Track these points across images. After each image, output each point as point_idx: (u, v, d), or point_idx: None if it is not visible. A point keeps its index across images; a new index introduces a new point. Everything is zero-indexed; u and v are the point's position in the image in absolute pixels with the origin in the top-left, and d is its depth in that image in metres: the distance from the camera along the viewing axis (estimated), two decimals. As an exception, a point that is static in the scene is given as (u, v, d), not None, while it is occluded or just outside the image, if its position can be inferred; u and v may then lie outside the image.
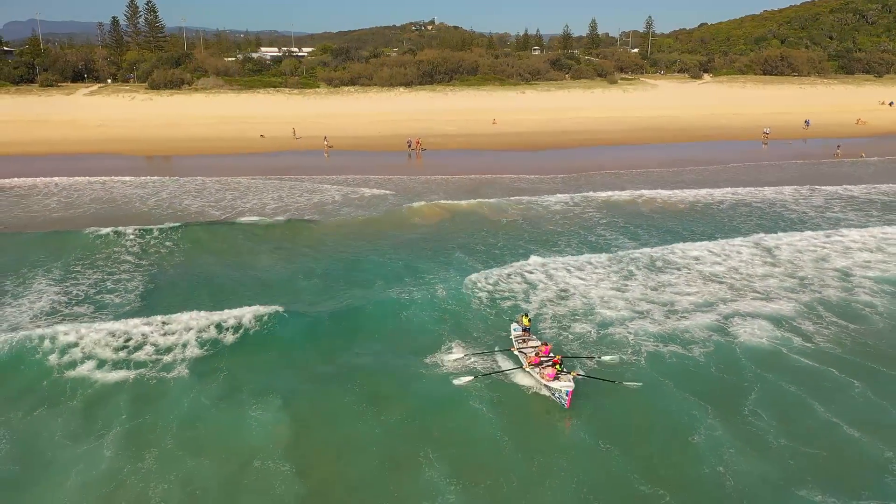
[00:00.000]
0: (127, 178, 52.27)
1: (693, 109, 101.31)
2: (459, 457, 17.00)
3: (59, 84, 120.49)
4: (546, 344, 20.89)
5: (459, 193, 46.54)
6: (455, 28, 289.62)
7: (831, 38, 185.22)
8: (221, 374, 21.02)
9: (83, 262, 31.70)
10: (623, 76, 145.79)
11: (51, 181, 51.10)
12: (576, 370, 20.27)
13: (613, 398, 19.48)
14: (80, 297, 27.16)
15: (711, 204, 43.99)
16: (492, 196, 45.45)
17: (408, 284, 28.44)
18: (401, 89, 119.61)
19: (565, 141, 74.35)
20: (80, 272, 30.38)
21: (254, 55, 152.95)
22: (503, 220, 39.92)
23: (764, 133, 76.46)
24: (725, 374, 21.04)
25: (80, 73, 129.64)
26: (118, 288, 28.37)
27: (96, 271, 30.54)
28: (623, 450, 17.23)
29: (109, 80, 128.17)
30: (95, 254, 33.14)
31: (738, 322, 24.54)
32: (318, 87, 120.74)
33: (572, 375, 19.40)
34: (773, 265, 31.09)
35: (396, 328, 24.46)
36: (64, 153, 65.81)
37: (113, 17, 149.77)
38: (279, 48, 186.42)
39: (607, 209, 42.75)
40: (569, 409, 18.69)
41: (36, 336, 22.75)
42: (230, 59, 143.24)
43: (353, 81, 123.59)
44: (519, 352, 21.20)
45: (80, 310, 25.84)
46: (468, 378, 19.95)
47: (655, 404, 19.25)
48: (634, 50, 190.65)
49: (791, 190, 48.00)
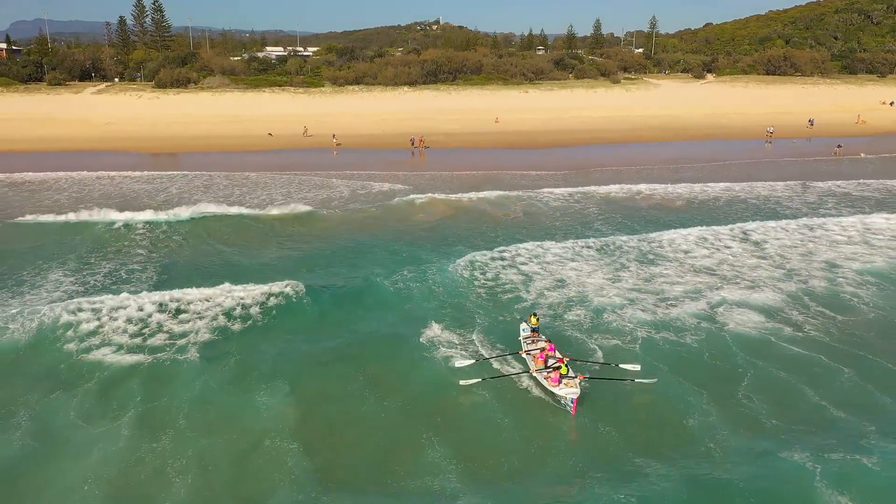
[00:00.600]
0: (135, 174, 53.39)
1: (695, 109, 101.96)
2: (460, 440, 17.69)
3: (67, 83, 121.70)
4: (549, 341, 20.86)
5: (461, 188, 47.47)
6: (460, 28, 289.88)
7: (836, 39, 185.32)
8: (231, 357, 22.03)
9: (97, 253, 32.82)
10: (626, 76, 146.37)
11: (61, 176, 52.22)
12: (582, 373, 19.96)
13: (616, 387, 20.11)
14: (95, 284, 28.19)
15: (707, 200, 44.80)
16: (493, 191, 46.40)
17: (410, 269, 29.66)
18: (405, 88, 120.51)
19: (567, 139, 75.14)
20: (94, 262, 31.45)
21: (259, 55, 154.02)
22: (503, 213, 41.06)
23: (768, 132, 77.05)
24: (718, 361, 21.88)
25: (88, 72, 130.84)
26: (131, 277, 29.40)
27: (109, 261, 31.61)
28: (620, 431, 18.01)
29: (116, 79, 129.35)
30: (108, 244, 34.34)
31: (728, 311, 25.40)
32: (323, 87, 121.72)
33: (579, 379, 19.17)
34: (762, 257, 32.00)
35: (399, 310, 25.74)
36: (73, 150, 66.86)
37: (120, 17, 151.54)
38: (284, 48, 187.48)
39: (605, 203, 43.75)
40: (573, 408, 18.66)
41: (54, 319, 23.87)
42: (236, 59, 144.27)
43: (358, 81, 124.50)
44: (527, 354, 20.99)
45: (95, 297, 26.76)
46: (475, 380, 19.87)
47: (656, 390, 20.02)
48: (639, 50, 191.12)
49: (783, 186, 48.92)
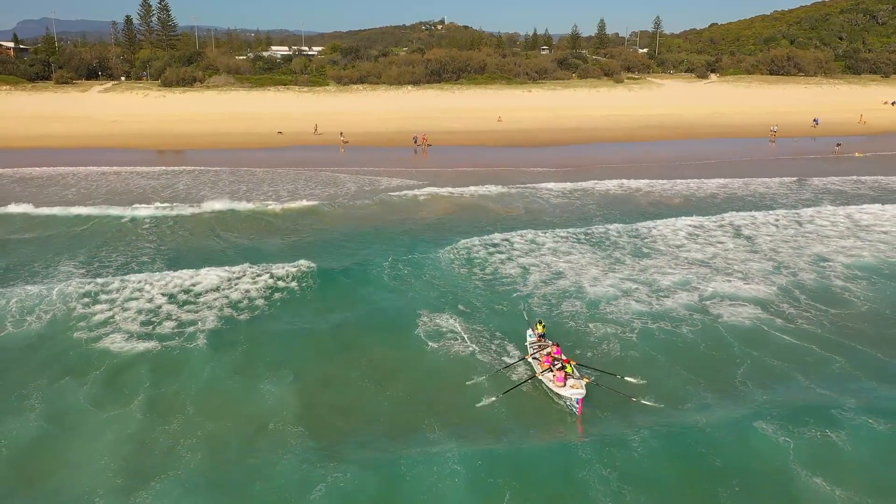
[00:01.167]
0: (141, 169, 54.26)
1: (697, 108, 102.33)
2: (460, 425, 18.26)
3: (74, 81, 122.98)
4: (557, 344, 20.80)
5: (462, 184, 48.21)
6: (465, 28, 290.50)
7: (841, 39, 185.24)
8: (238, 345, 22.83)
9: (106, 246, 33.72)
10: (629, 76, 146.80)
11: (68, 172, 53.21)
12: (588, 375, 19.86)
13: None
14: (105, 275, 28.92)
15: (704, 197, 45.31)
16: (493, 186, 47.28)
17: (412, 259, 30.85)
18: (409, 88, 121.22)
19: (568, 138, 75.69)
20: (104, 254, 32.32)
21: (264, 54, 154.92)
22: (503, 207, 41.98)
23: (771, 131, 77.33)
24: (713, 350, 22.53)
25: (95, 71, 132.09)
26: (141, 268, 30.14)
27: (119, 253, 32.53)
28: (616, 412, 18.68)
29: (123, 78, 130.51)
30: (116, 236, 35.32)
31: (720, 302, 26.01)
32: (328, 86, 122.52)
33: (584, 381, 19.16)
34: (753, 251, 32.69)
35: (401, 297, 26.83)
36: (80, 147, 67.69)
37: (126, 16, 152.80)
38: (289, 47, 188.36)
39: (603, 199, 44.50)
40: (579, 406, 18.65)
41: (65, 309, 24.76)
42: (241, 58, 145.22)
43: (362, 80, 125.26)
44: (533, 359, 20.89)
45: (105, 285, 27.57)
46: (491, 399, 19.24)
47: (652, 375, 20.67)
48: (643, 50, 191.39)
49: (778, 183, 49.70)
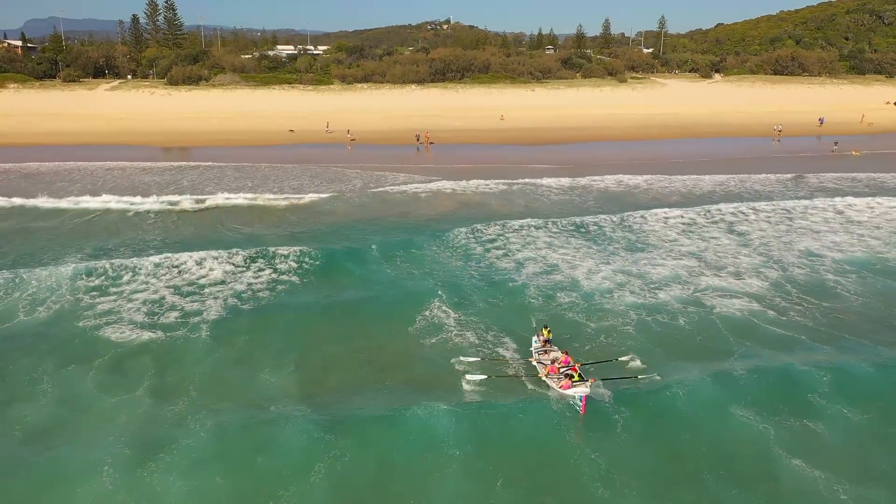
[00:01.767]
0: (147, 165, 55.21)
1: (700, 108, 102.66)
2: (454, 408, 18.81)
3: (81, 80, 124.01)
4: (566, 353, 20.70)
5: (463, 180, 49.05)
6: (470, 28, 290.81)
7: (847, 39, 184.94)
8: (241, 334, 23.59)
9: (111, 237, 34.57)
10: (633, 75, 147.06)
11: (74, 167, 54.27)
12: (593, 377, 19.81)
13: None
14: (109, 265, 29.56)
15: (702, 195, 45.82)
16: (494, 183, 48.07)
17: (411, 250, 31.91)
18: (413, 86, 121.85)
19: (570, 136, 76.21)
20: (109, 245, 33.09)
21: (270, 53, 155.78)
22: (503, 201, 42.89)
23: (775, 130, 77.61)
24: (707, 339, 23.22)
25: (101, 70, 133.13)
26: (144, 256, 30.67)
27: (123, 245, 33.25)
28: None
29: (129, 76, 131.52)
30: (122, 229, 36.29)
31: (713, 294, 26.64)
32: (332, 84, 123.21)
33: (590, 382, 19.23)
34: (744, 244, 33.39)
35: (400, 287, 27.73)
36: (86, 144, 68.58)
37: (133, 15, 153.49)
38: (295, 46, 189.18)
39: (602, 195, 45.30)
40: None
41: (72, 300, 25.56)
42: (247, 57, 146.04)
43: (367, 79, 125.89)
44: (538, 363, 20.83)
45: (109, 276, 28.39)
46: (481, 376, 19.80)
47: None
48: (648, 50, 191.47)
49: (772, 179, 50.59)
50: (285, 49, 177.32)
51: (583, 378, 19.42)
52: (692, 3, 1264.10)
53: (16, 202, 41.76)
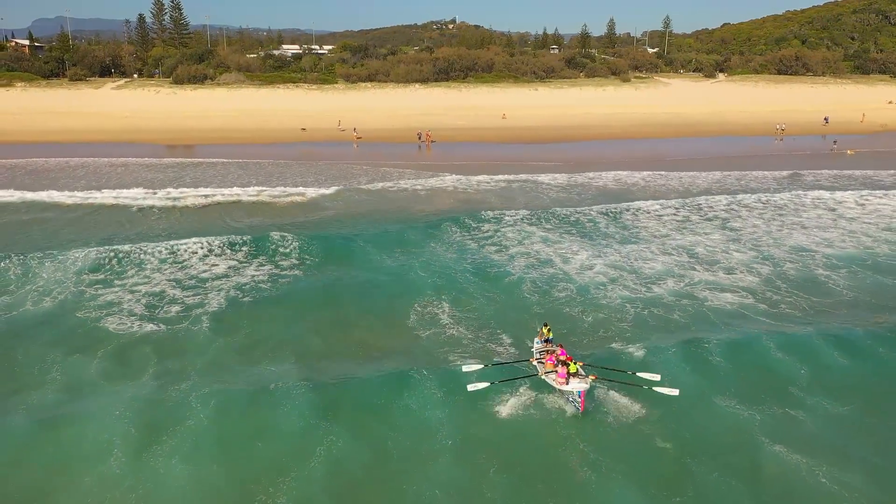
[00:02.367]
0: (151, 161, 56.12)
1: (702, 107, 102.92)
2: (451, 402, 19.22)
3: (88, 78, 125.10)
4: (561, 345, 20.62)
5: (463, 177, 49.65)
6: (476, 27, 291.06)
7: (853, 39, 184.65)
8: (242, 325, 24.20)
9: (114, 231, 35.23)
10: (637, 74, 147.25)
11: (79, 164, 55.30)
12: (595, 374, 19.41)
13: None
14: (110, 258, 30.25)
15: (698, 192, 46.25)
16: (494, 180, 48.81)
17: (408, 245, 32.68)
18: (416, 86, 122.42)
19: (571, 135, 76.69)
20: (112, 238, 33.66)
21: (275, 52, 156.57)
22: (502, 197, 43.54)
23: (778, 129, 77.83)
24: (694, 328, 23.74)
25: (108, 69, 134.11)
26: (145, 249, 31.37)
27: (125, 238, 33.84)
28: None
29: (135, 75, 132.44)
30: (124, 222, 37.15)
31: (705, 288, 27.13)
32: (336, 84, 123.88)
33: (590, 378, 18.88)
34: (736, 240, 33.94)
35: (398, 279, 28.41)
36: (92, 141, 69.36)
37: (139, 15, 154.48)
38: (301, 46, 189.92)
39: (599, 192, 45.90)
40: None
41: (76, 291, 26.20)
42: (252, 56, 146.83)
43: (371, 78, 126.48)
44: (538, 362, 20.55)
45: (110, 269, 29.06)
46: (484, 385, 19.43)
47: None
48: (654, 50, 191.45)
49: (769, 176, 51.41)
50: (290, 49, 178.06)
51: (578, 371, 19.03)
52: (698, 4, 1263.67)
53: (23, 196, 42.64)
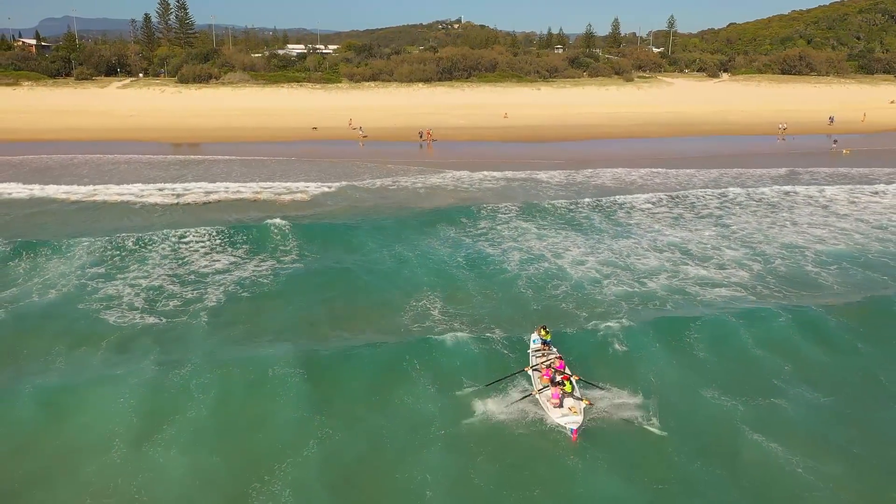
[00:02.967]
0: (154, 158, 56.82)
1: (704, 106, 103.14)
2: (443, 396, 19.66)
3: (94, 78, 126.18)
4: (560, 357, 20.07)
5: (462, 176, 50.18)
6: (481, 27, 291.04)
7: (859, 39, 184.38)
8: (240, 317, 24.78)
9: (116, 226, 35.77)
10: (641, 74, 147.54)
11: (83, 161, 56.10)
12: (588, 398, 18.85)
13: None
14: (111, 252, 30.96)
15: (695, 189, 46.54)
16: (493, 178, 49.37)
17: (406, 241, 33.16)
18: (419, 85, 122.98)
19: (572, 134, 77.00)
20: (113, 233, 33.96)
21: (280, 51, 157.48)
22: (501, 195, 43.96)
23: (780, 128, 78.00)
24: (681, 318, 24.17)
25: (114, 68, 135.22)
26: (146, 244, 32.06)
27: (127, 233, 34.16)
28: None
29: (141, 75, 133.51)
30: (126, 218, 37.84)
31: (696, 283, 27.64)
32: (340, 83, 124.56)
33: (584, 404, 18.34)
34: (727, 237, 34.48)
35: (395, 274, 29.02)
36: (96, 140, 70.02)
37: (145, 14, 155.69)
38: (306, 45, 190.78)
39: (595, 187, 46.64)
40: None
41: (79, 285, 26.80)
42: (257, 55, 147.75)
43: (375, 77, 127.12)
44: (534, 370, 19.91)
45: (112, 264, 29.67)
46: (473, 388, 19.47)
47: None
48: (659, 49, 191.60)
49: (766, 174, 52.03)
50: (296, 48, 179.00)
51: (576, 394, 18.46)
52: (704, 4, 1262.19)
53: (29, 192, 43.42)
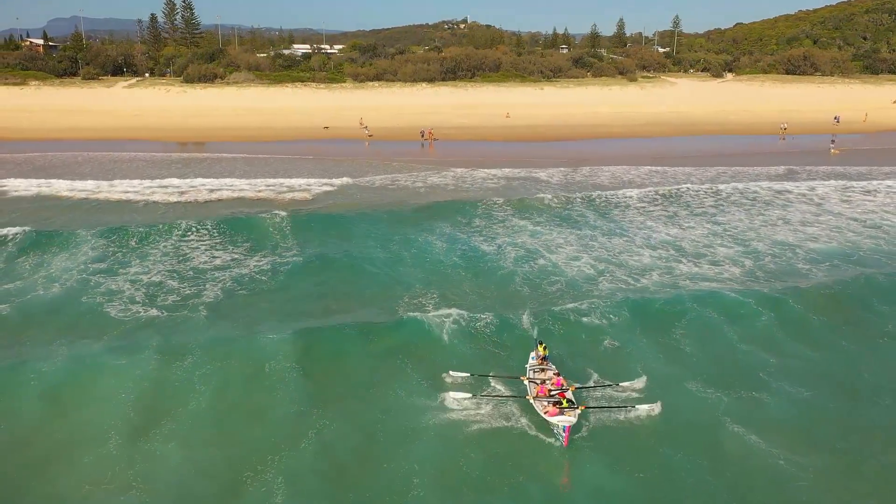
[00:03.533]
0: (158, 157, 57.69)
1: (707, 106, 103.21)
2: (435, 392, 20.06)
3: (100, 77, 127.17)
4: (557, 374, 19.90)
5: (462, 174, 50.67)
6: (487, 27, 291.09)
7: (865, 39, 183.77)
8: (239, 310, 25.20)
9: (117, 223, 36.06)
10: (644, 74, 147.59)
11: (87, 159, 57.01)
12: (585, 402, 19.05)
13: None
14: (113, 249, 31.56)
15: (693, 187, 46.89)
16: (493, 176, 49.84)
17: (402, 238, 33.75)
18: (423, 85, 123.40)
19: (573, 133, 77.31)
20: (115, 229, 34.54)
21: (285, 51, 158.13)
22: (500, 193, 44.31)
23: (781, 128, 78.05)
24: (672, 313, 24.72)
25: (120, 68, 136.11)
26: (147, 242, 32.61)
27: (127, 231, 34.75)
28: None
29: (147, 74, 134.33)
30: (127, 215, 38.33)
31: (688, 278, 28.12)
32: (344, 83, 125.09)
33: (580, 409, 18.36)
34: (720, 234, 34.80)
35: (391, 271, 29.47)
36: (102, 139, 70.68)
37: (151, 15, 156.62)
38: (311, 45, 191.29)
39: (594, 186, 47.01)
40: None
41: (81, 280, 27.33)
42: (262, 55, 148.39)
43: (379, 77, 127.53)
44: (529, 381, 19.90)
45: (113, 260, 30.23)
46: (466, 395, 19.26)
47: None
48: (664, 49, 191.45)
49: (763, 173, 52.47)
50: (301, 48, 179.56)
51: (572, 404, 18.36)
52: (710, 4, 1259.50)
53: (36, 190, 44.17)
